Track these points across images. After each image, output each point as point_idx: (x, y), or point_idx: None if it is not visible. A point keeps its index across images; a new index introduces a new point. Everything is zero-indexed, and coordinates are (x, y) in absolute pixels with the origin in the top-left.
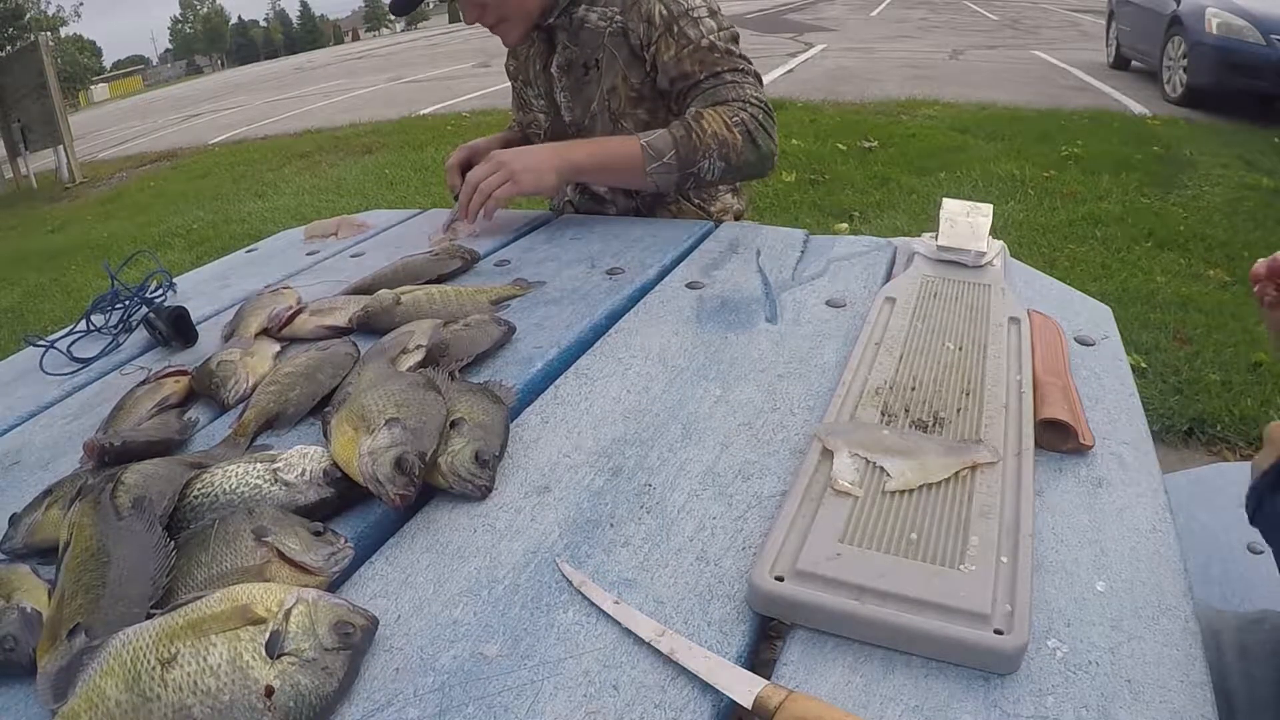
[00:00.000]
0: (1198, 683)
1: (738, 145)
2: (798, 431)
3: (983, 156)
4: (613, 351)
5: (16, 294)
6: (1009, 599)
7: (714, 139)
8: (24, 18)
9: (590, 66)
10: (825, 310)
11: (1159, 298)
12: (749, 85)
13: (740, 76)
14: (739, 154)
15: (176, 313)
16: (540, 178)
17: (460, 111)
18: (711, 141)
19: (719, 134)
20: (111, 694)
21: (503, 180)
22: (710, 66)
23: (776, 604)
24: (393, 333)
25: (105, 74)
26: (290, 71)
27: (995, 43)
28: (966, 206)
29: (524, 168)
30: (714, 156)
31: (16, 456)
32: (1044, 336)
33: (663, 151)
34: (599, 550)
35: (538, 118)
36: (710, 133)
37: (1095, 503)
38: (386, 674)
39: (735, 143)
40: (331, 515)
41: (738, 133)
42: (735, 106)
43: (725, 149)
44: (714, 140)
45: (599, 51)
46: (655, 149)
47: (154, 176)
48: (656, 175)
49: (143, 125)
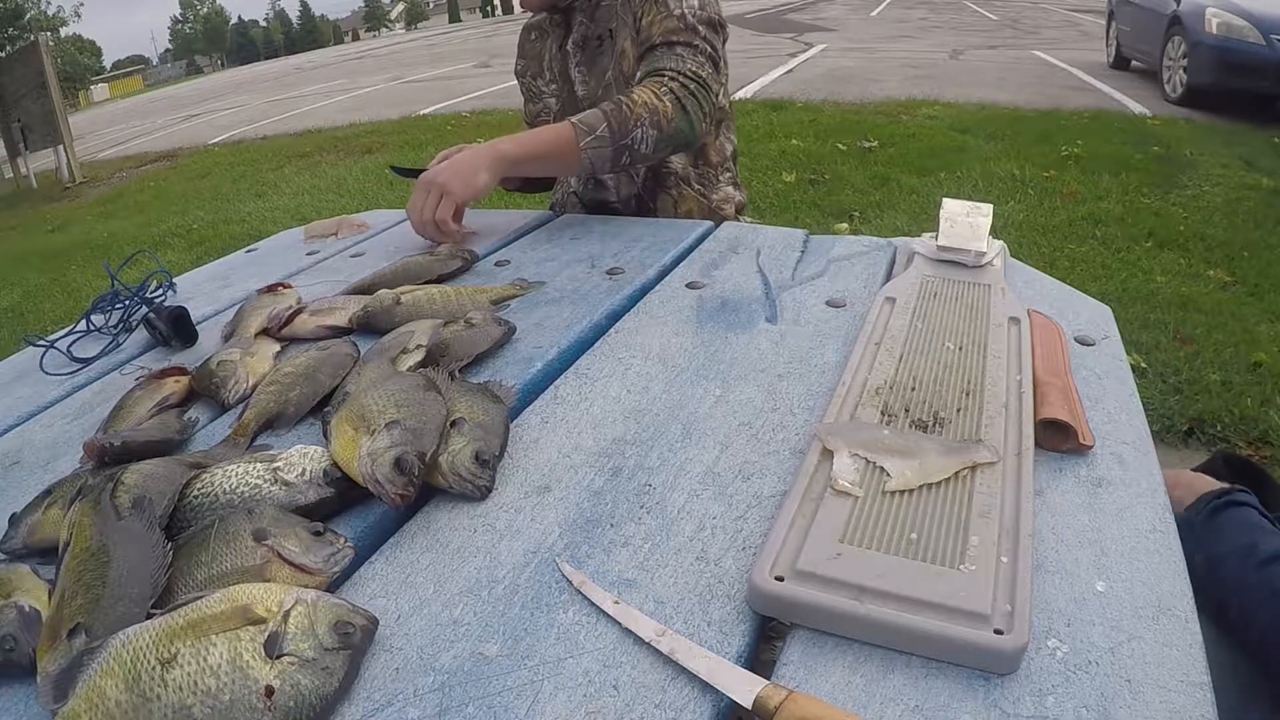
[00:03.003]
0: (1198, 683)
1: (668, 112)
2: (798, 431)
3: (983, 156)
4: (613, 351)
5: (16, 294)
6: (1009, 599)
7: (644, 107)
8: (24, 18)
9: (604, 38)
10: (825, 310)
11: (1159, 298)
12: (694, 60)
13: (690, 52)
14: (669, 120)
15: (176, 313)
16: (470, 181)
17: (460, 111)
18: (642, 110)
19: (649, 102)
20: (111, 694)
21: (436, 201)
22: (668, 35)
23: (776, 604)
24: (393, 333)
25: (105, 74)
26: (290, 71)
27: (995, 43)
28: (966, 206)
29: (450, 177)
30: (645, 125)
31: (16, 456)
32: (1044, 336)
33: (594, 126)
34: (599, 550)
35: (548, 103)
36: (640, 102)
37: (1095, 503)
38: (386, 674)
39: (665, 110)
40: (331, 515)
41: (667, 101)
42: (667, 76)
43: (655, 116)
44: (644, 109)
45: (613, 21)
46: (586, 124)
47: (154, 176)
48: (590, 150)
49: (143, 125)
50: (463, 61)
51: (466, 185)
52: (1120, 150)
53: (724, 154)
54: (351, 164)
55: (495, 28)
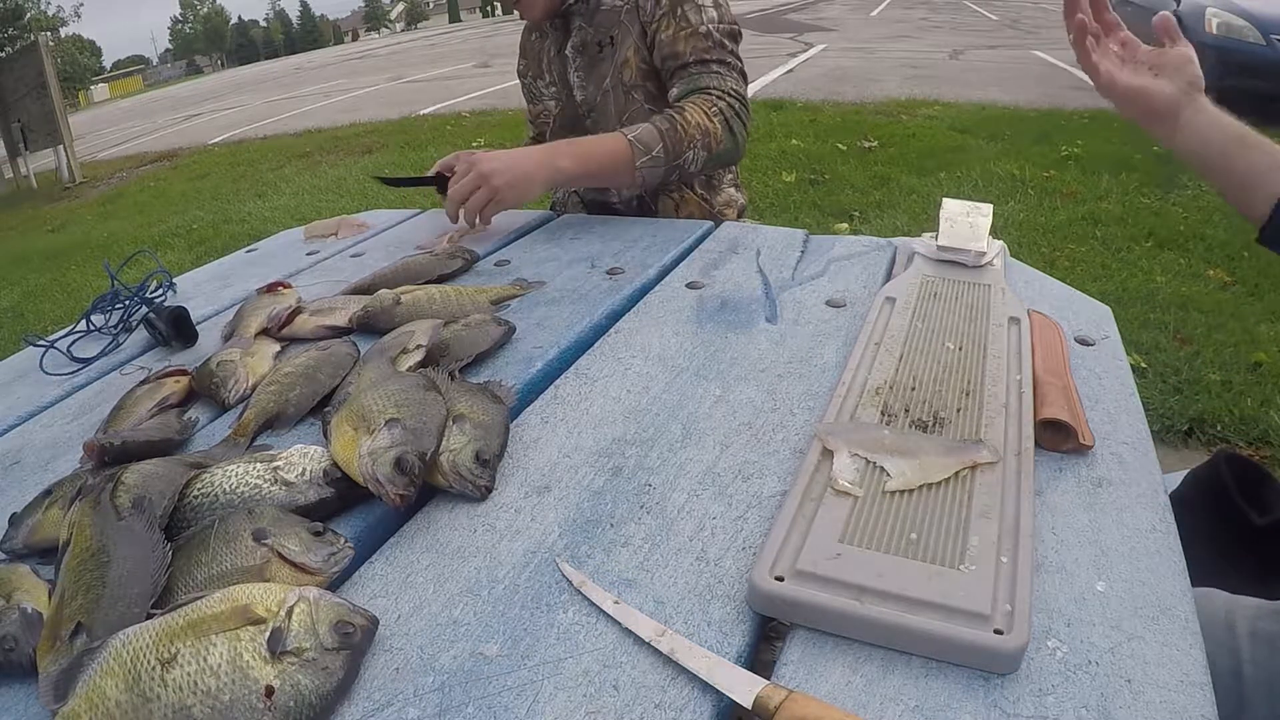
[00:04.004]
0: (1198, 683)
1: (718, 134)
2: (798, 431)
3: (983, 156)
4: (613, 351)
5: (16, 294)
6: (1009, 599)
7: (698, 129)
8: (24, 18)
9: (604, 44)
10: (825, 310)
11: (1159, 298)
12: (731, 78)
13: (725, 69)
14: (719, 142)
15: (176, 313)
16: (524, 193)
17: (460, 111)
18: (695, 132)
19: (701, 124)
20: (112, 694)
21: (486, 199)
22: (700, 53)
23: (776, 604)
24: (393, 333)
25: (105, 74)
26: (290, 71)
27: (995, 43)
28: (966, 206)
29: (507, 183)
30: (698, 146)
31: (16, 456)
32: (1044, 336)
33: (650, 145)
34: (599, 550)
35: (549, 105)
36: (694, 123)
37: (1095, 503)
38: (386, 674)
39: (716, 132)
40: (331, 515)
41: (717, 122)
42: (714, 95)
43: (708, 138)
44: (698, 130)
45: (614, 28)
46: (643, 143)
47: (154, 176)
48: (645, 170)
49: (143, 125)
50: (463, 61)
51: (519, 196)
52: (1120, 150)
53: None
54: (351, 164)
55: (495, 28)
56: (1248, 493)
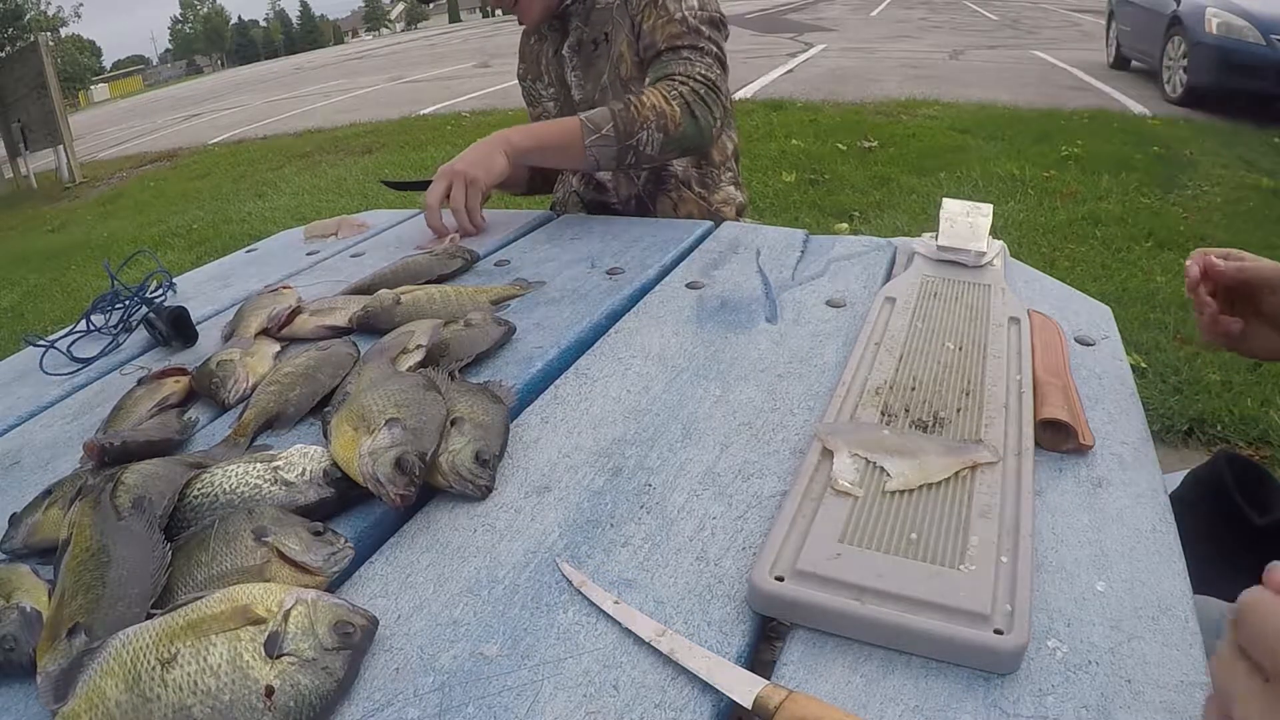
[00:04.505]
0: (1198, 683)
1: (675, 117)
2: (798, 431)
3: (983, 156)
4: (613, 351)
5: (16, 294)
6: (1009, 599)
7: (652, 110)
8: (24, 18)
9: (599, 41)
10: (825, 310)
11: (1159, 298)
12: (701, 63)
13: (697, 55)
14: (677, 125)
15: (176, 313)
16: (490, 167)
17: (460, 111)
18: (650, 113)
19: (657, 106)
20: (111, 694)
21: (462, 187)
22: (672, 40)
23: (776, 604)
24: (393, 333)
25: (105, 74)
26: (290, 71)
27: (995, 43)
28: (966, 206)
29: (469, 165)
30: (652, 128)
31: (16, 456)
32: (1044, 336)
33: (600, 124)
34: (599, 550)
35: (548, 107)
36: (649, 105)
37: (1095, 503)
38: (386, 674)
39: (673, 114)
40: (331, 515)
41: (675, 105)
42: (678, 80)
43: (663, 120)
44: (652, 112)
45: (608, 25)
46: (594, 122)
47: (154, 176)
48: (596, 149)
49: (143, 125)
50: (463, 61)
51: (488, 171)
52: (1120, 150)
53: (725, 152)
54: (351, 164)
55: (495, 28)
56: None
